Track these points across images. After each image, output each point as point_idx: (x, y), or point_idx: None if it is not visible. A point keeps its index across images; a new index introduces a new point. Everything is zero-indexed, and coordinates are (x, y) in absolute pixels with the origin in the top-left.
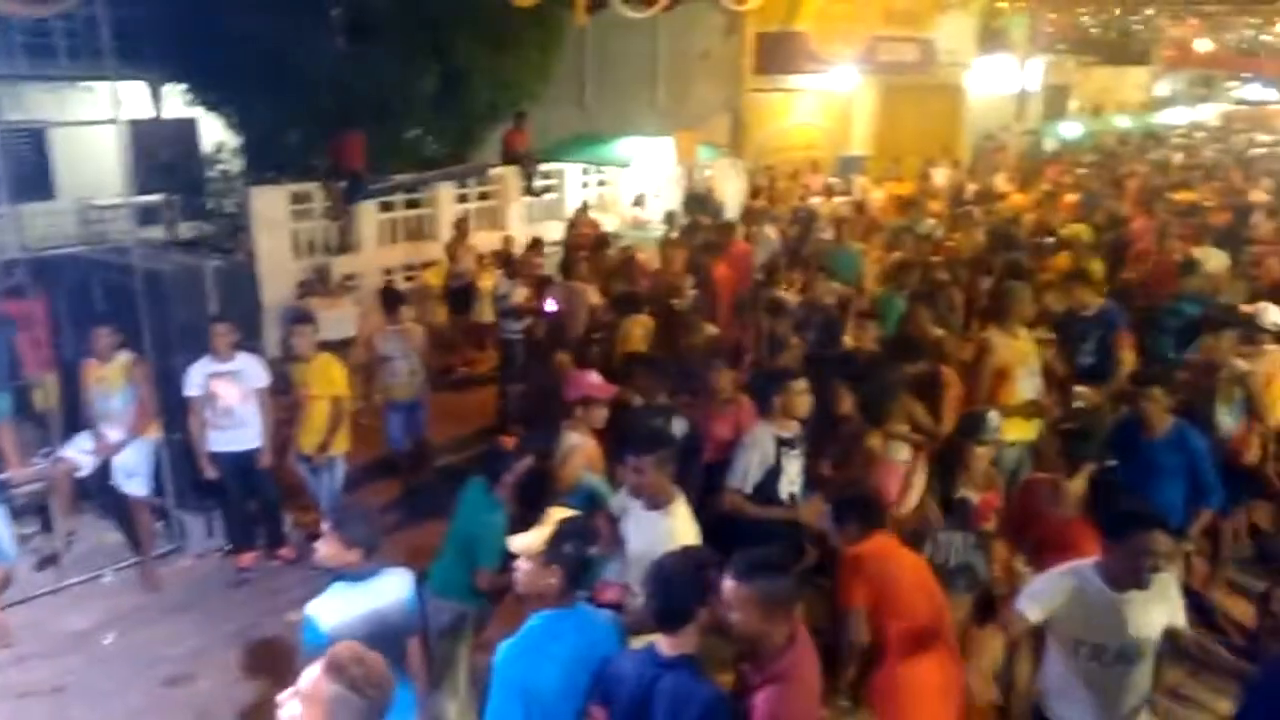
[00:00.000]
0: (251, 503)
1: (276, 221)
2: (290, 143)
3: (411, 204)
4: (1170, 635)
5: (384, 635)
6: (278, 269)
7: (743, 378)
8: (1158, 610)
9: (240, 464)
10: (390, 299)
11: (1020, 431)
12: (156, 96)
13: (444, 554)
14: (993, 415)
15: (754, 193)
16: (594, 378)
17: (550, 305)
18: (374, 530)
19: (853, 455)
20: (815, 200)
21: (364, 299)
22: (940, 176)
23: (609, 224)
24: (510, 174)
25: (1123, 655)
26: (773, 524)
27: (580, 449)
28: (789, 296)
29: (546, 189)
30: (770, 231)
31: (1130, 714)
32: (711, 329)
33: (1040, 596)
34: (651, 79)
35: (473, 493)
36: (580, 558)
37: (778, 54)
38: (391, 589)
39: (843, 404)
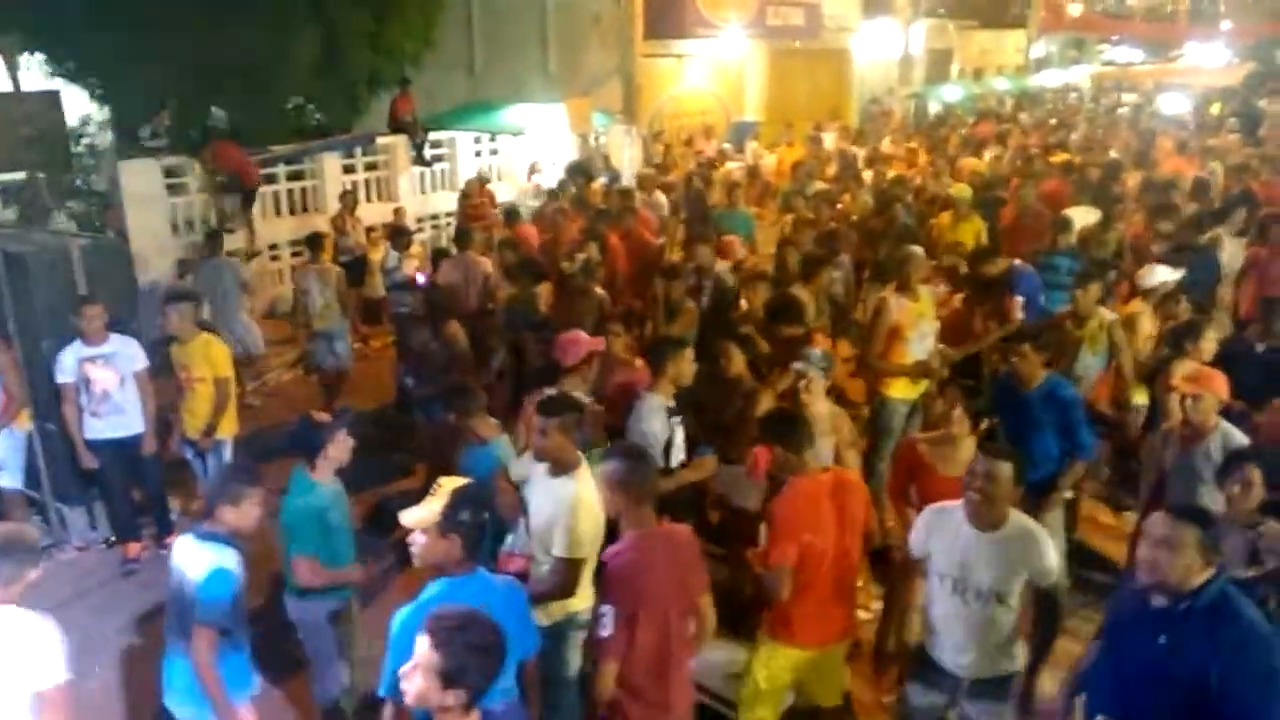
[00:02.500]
0: (136, 491)
1: (150, 198)
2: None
3: (295, 176)
4: (1036, 580)
5: None
6: (155, 247)
7: (639, 343)
8: (1018, 553)
9: (122, 452)
10: (313, 241)
11: (909, 391)
12: (12, 67)
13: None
14: (815, 351)
15: (648, 160)
16: (584, 335)
17: (420, 279)
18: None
19: (746, 415)
20: (718, 165)
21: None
22: (830, 141)
23: (505, 194)
24: (399, 143)
25: (983, 592)
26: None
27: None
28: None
29: (437, 158)
30: (662, 197)
31: (994, 650)
32: (602, 294)
33: (919, 533)
34: (542, 45)
35: (293, 477)
36: (478, 524)
37: (668, 18)
38: None
39: (734, 365)
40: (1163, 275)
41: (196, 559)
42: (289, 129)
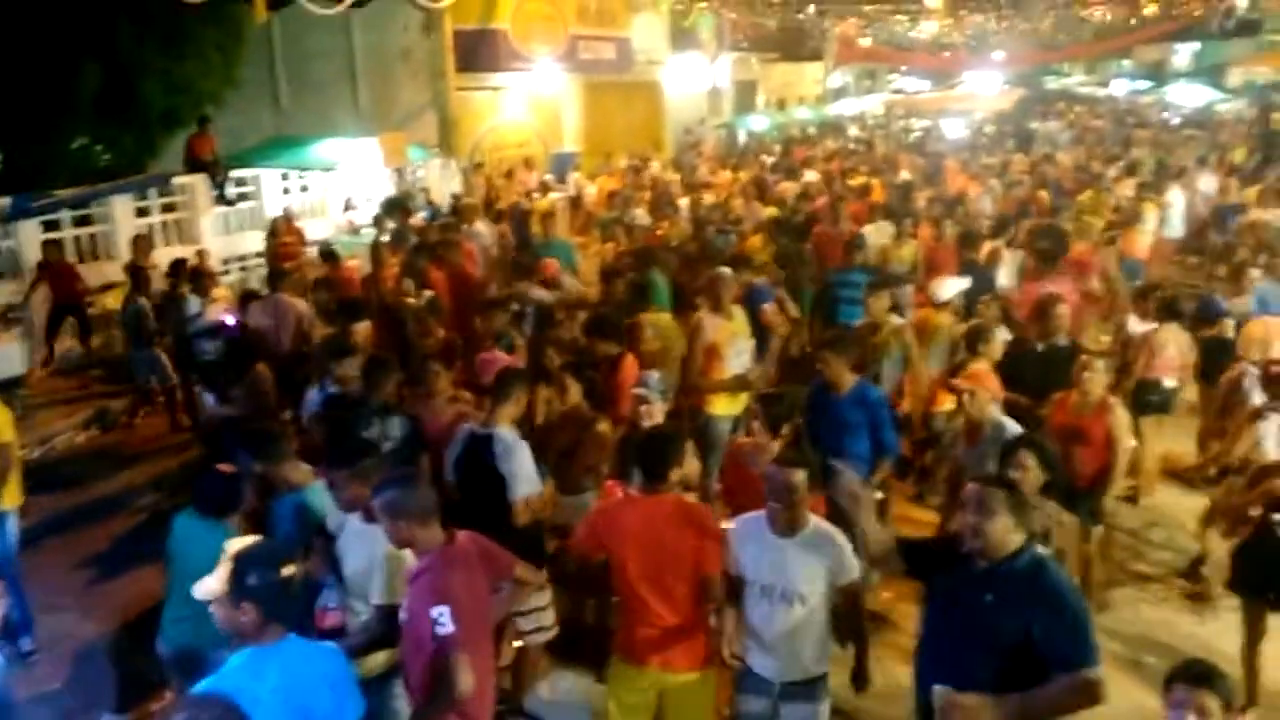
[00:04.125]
0: None
1: None
2: None
3: (82, 221)
4: (837, 579)
5: None
6: None
7: (462, 376)
8: (817, 555)
9: None
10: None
11: (731, 407)
12: None
13: (173, 603)
14: (653, 375)
15: (469, 192)
16: (501, 355)
17: (229, 321)
18: None
19: (586, 444)
20: (536, 196)
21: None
22: (656, 168)
23: (319, 231)
24: (199, 183)
25: (785, 596)
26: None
27: None
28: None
29: (243, 197)
30: (483, 228)
31: (800, 653)
32: (440, 331)
33: (730, 546)
34: (351, 80)
35: (188, 526)
36: (274, 585)
37: (479, 52)
38: None
39: (571, 395)
40: (953, 286)
41: None
42: (74, 170)
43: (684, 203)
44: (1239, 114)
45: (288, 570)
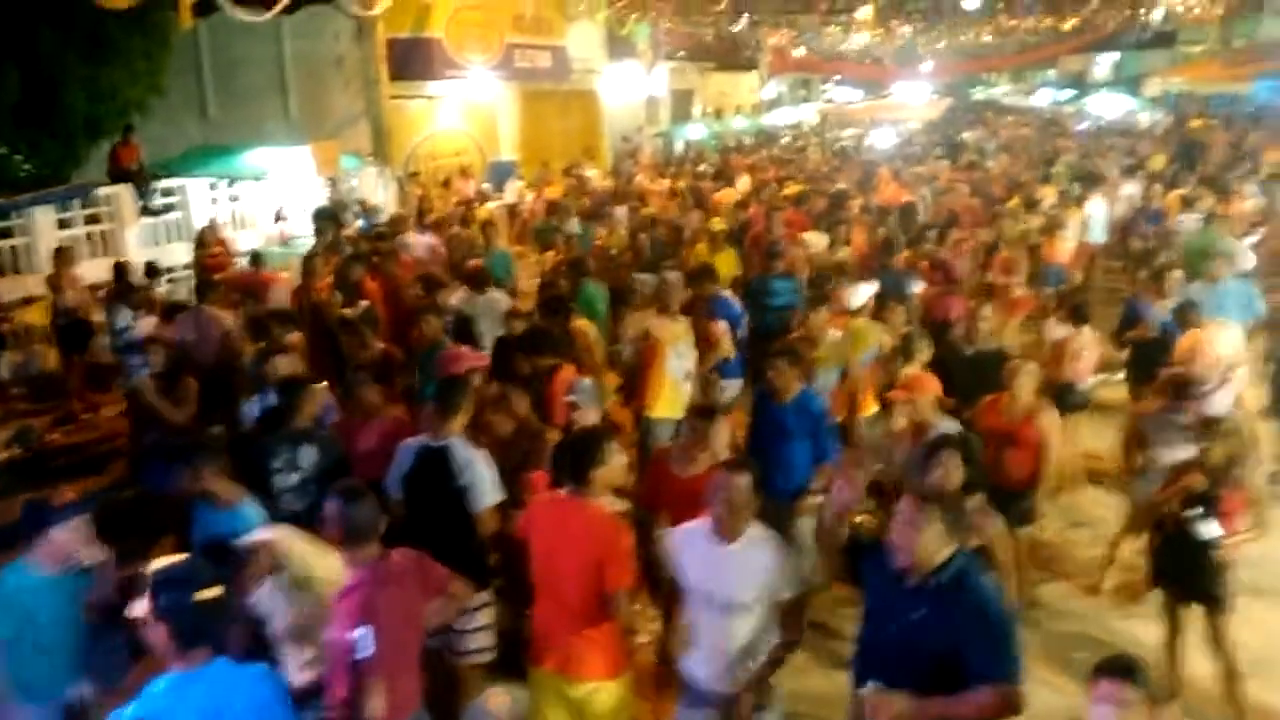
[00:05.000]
0: None
1: None
2: None
3: (1, 233)
4: (776, 587)
5: None
6: None
7: (396, 390)
8: (757, 562)
9: None
10: None
11: (671, 410)
12: None
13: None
14: (584, 382)
15: (404, 202)
16: (467, 351)
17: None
18: None
19: (536, 455)
20: (477, 206)
21: None
22: (596, 176)
23: (250, 241)
24: (124, 193)
25: (726, 603)
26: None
27: None
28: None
29: (169, 207)
30: (417, 238)
31: (739, 663)
32: (377, 343)
33: (670, 554)
34: (281, 87)
35: (15, 574)
36: (186, 607)
37: (413, 60)
38: None
39: (519, 408)
40: (864, 292)
41: None
42: None
43: (620, 211)
44: (1155, 122)
45: (206, 593)
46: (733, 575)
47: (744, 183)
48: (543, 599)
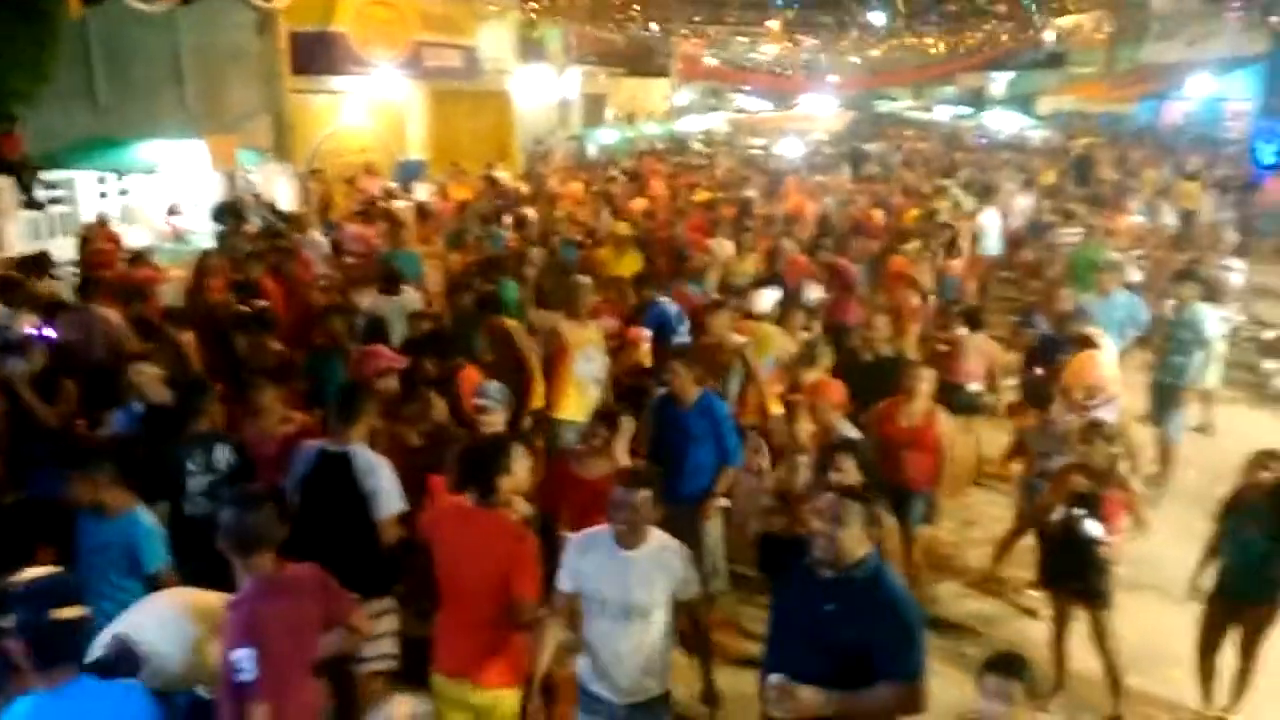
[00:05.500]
0: None
1: None
2: None
3: None
4: (678, 592)
5: None
6: None
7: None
8: (659, 573)
9: None
10: None
11: (577, 411)
12: None
13: None
14: (491, 384)
15: (305, 199)
16: (385, 350)
17: (49, 333)
18: None
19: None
20: (384, 204)
21: None
22: (506, 178)
23: (140, 237)
24: (5, 185)
25: (625, 610)
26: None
27: None
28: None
29: (55, 200)
30: (319, 237)
31: (640, 672)
32: (275, 345)
33: (569, 562)
34: (177, 79)
35: None
36: (39, 626)
37: (316, 54)
38: None
39: (436, 411)
40: (769, 298)
41: None
42: None
43: (531, 213)
44: (1046, 139)
45: (66, 611)
46: (632, 582)
47: (657, 187)
48: (447, 607)
